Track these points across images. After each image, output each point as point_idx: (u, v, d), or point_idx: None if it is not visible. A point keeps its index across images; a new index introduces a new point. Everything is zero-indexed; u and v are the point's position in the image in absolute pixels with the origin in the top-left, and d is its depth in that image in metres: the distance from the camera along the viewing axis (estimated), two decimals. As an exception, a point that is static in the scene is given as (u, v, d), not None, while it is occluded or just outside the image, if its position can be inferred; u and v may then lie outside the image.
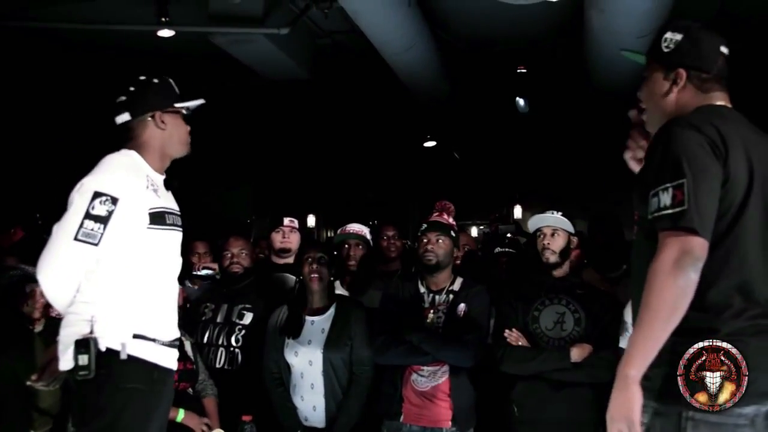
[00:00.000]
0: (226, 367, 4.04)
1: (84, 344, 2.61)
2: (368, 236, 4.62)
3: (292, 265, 4.48)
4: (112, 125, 2.91)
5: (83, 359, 2.60)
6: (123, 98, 2.89)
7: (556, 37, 7.82)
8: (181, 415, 3.71)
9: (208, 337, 4.11)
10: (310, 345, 3.81)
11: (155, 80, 2.92)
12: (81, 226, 2.63)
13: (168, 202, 2.91)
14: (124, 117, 2.87)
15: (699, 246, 1.97)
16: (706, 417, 2.02)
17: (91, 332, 2.64)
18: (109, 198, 2.66)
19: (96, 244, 2.64)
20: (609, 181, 6.72)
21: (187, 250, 5.36)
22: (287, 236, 4.74)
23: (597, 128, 9.44)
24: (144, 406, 2.71)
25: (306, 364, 3.81)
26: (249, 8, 6.46)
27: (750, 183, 2.08)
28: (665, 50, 2.27)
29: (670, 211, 1.98)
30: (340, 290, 4.31)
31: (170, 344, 2.84)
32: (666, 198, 1.99)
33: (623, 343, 3.52)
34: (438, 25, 7.36)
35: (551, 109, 10.15)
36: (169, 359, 2.83)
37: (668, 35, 2.28)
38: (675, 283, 1.95)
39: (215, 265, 4.92)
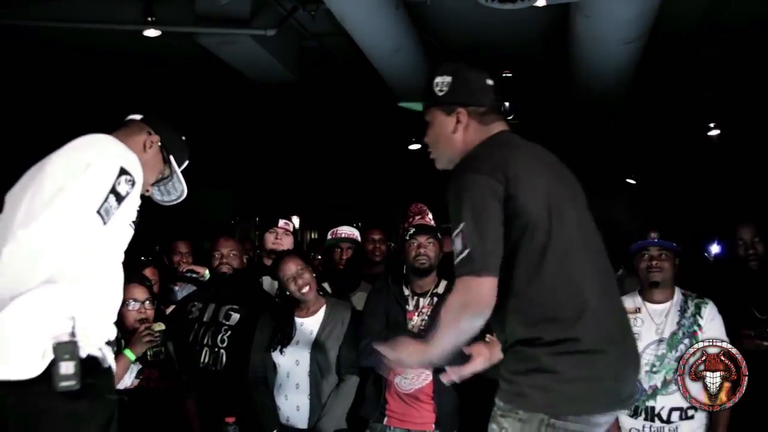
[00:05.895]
0: (210, 366, 4.02)
1: (67, 349, 2.23)
2: (359, 238, 4.65)
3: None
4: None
5: (68, 367, 2.22)
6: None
7: (542, 42, 7.85)
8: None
9: (193, 336, 4.09)
10: (298, 345, 3.81)
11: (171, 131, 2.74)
12: (106, 200, 2.27)
13: None
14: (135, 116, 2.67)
15: (484, 287, 2.11)
16: (565, 425, 2.11)
17: (73, 335, 2.26)
18: (132, 180, 2.35)
19: (105, 224, 2.29)
20: (592, 186, 6.74)
21: (169, 250, 5.37)
22: (280, 237, 4.78)
23: (581, 133, 9.48)
24: (112, 417, 2.41)
25: (293, 363, 3.80)
26: (236, 9, 6.44)
27: (549, 203, 2.20)
28: (440, 93, 2.41)
29: (459, 258, 2.12)
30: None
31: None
32: (457, 244, 2.14)
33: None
34: (425, 29, 7.37)
35: (535, 113, 10.17)
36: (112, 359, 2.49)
37: (438, 79, 2.43)
38: (458, 326, 2.19)
39: (199, 268, 4.92)
